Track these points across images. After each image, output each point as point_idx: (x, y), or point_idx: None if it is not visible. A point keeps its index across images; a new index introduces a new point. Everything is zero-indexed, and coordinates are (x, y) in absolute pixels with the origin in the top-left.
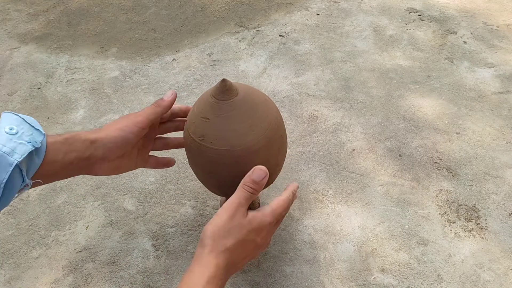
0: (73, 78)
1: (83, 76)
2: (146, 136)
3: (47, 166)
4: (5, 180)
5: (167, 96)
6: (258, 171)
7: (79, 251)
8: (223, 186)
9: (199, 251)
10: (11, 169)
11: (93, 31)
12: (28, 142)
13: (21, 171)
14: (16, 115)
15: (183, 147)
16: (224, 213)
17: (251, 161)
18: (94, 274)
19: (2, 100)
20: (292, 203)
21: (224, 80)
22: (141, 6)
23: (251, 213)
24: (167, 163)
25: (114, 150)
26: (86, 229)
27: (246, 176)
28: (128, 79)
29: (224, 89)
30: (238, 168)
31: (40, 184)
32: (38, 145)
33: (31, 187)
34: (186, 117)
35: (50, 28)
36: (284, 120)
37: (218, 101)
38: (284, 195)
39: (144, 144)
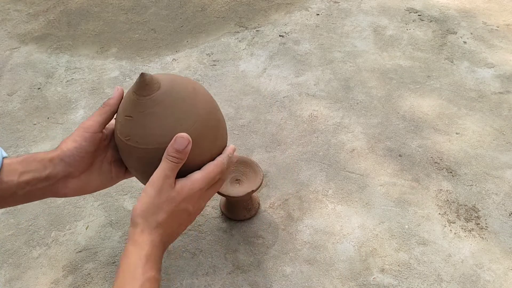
0: (73, 78)
1: (83, 76)
2: (115, 148)
3: (1, 185)
4: None
5: (113, 94)
6: (180, 139)
7: (79, 251)
8: None
9: (131, 231)
10: None
11: (93, 31)
12: None
13: None
14: None
15: None
16: (151, 188)
17: None
18: (94, 274)
19: (2, 100)
20: (228, 167)
21: (143, 74)
22: (141, 6)
23: (180, 183)
24: None
25: (73, 164)
26: (86, 229)
27: (168, 146)
28: (128, 79)
29: (144, 84)
30: None
31: None
32: None
33: None
34: None
35: (50, 28)
36: (284, 120)
37: (140, 97)
38: (217, 159)
39: (115, 155)
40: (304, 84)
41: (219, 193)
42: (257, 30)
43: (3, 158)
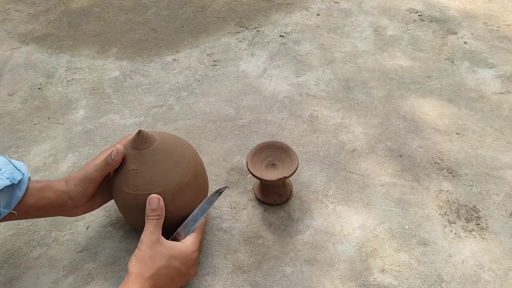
0: (73, 78)
1: (83, 76)
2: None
3: (20, 205)
4: None
5: (114, 156)
6: (151, 199)
7: (80, 251)
8: (166, 225)
9: (126, 277)
10: None
11: (94, 31)
12: (7, 178)
13: None
14: (6, 158)
15: None
16: (142, 244)
17: (185, 194)
18: (94, 274)
19: (2, 101)
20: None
21: (140, 131)
22: (141, 7)
23: (171, 242)
24: None
25: (80, 199)
26: (86, 229)
27: (146, 209)
28: (128, 79)
29: (143, 139)
30: (174, 204)
31: (15, 216)
32: (15, 181)
33: (6, 218)
34: None
35: (51, 28)
36: (284, 121)
37: (140, 150)
38: (200, 228)
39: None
40: (304, 84)
41: (253, 174)
42: (257, 30)
43: (29, 180)
